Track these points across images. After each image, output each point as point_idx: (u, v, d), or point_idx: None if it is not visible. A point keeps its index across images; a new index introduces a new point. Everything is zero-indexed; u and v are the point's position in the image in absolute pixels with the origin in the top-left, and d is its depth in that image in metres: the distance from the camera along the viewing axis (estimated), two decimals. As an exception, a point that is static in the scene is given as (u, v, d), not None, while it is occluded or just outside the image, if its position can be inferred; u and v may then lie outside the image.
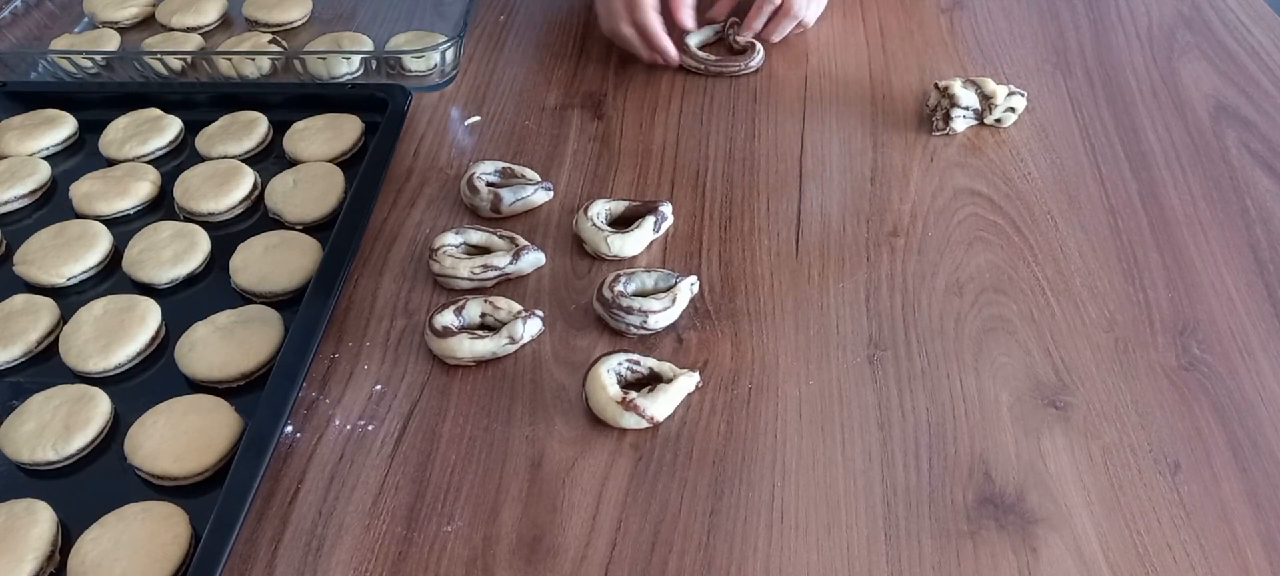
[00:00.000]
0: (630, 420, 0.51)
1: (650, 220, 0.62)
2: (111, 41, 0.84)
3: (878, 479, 0.49)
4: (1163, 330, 0.56)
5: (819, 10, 0.80)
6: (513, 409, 0.53)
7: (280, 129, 0.72)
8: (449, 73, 0.78)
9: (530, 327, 0.56)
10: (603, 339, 0.57)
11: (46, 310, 0.59)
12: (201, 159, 0.70)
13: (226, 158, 0.70)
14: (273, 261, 0.60)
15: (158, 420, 0.51)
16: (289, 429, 0.52)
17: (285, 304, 0.59)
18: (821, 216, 0.64)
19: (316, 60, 0.78)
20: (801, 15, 0.78)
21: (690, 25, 0.78)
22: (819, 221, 0.64)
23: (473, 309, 0.57)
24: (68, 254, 0.62)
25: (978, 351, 0.55)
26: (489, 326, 0.57)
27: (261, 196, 0.67)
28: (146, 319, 0.57)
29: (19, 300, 0.59)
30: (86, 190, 0.67)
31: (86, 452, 0.52)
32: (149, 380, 0.56)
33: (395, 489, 0.50)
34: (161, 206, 0.68)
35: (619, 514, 0.48)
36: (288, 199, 0.65)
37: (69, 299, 0.61)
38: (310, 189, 0.66)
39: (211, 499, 0.47)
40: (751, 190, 0.67)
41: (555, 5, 0.88)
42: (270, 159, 0.72)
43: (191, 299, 0.61)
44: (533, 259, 0.61)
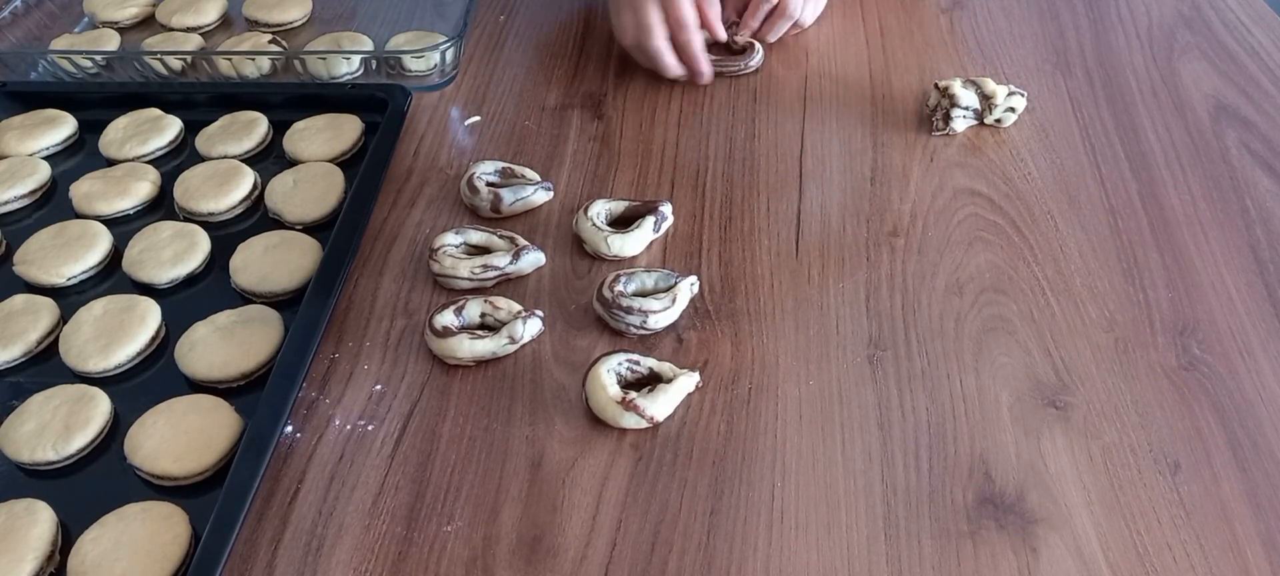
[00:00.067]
0: (630, 420, 0.51)
1: (650, 220, 0.62)
2: (111, 41, 0.84)
3: (878, 479, 0.49)
4: (1163, 330, 0.56)
5: (817, 10, 0.80)
6: (513, 409, 0.53)
7: (280, 129, 0.72)
8: (449, 73, 0.78)
9: (530, 327, 0.56)
10: (603, 339, 0.57)
11: (46, 310, 0.59)
12: (201, 159, 0.70)
13: (226, 158, 0.70)
14: (273, 261, 0.60)
15: (158, 420, 0.51)
16: (289, 429, 0.52)
17: (285, 304, 0.59)
18: (821, 216, 0.64)
19: (316, 60, 0.78)
20: (797, 15, 0.78)
21: (722, 37, 0.76)
22: (819, 221, 0.64)
23: (473, 309, 0.57)
24: (68, 254, 0.62)
25: (978, 351, 0.55)
26: (489, 326, 0.57)
27: (261, 196, 0.67)
28: (146, 319, 0.57)
29: (19, 300, 0.59)
30: (86, 190, 0.67)
31: (86, 452, 0.52)
32: (149, 380, 0.56)
33: (395, 489, 0.50)
34: (161, 206, 0.68)
35: (619, 514, 0.48)
36: (288, 199, 0.65)
37: (69, 299, 0.61)
38: (310, 189, 0.66)
39: (211, 499, 0.47)
40: (751, 190, 0.67)
41: (555, 5, 0.88)
42: (270, 159, 0.72)
43: (191, 299, 0.61)
44: (533, 259, 0.61)
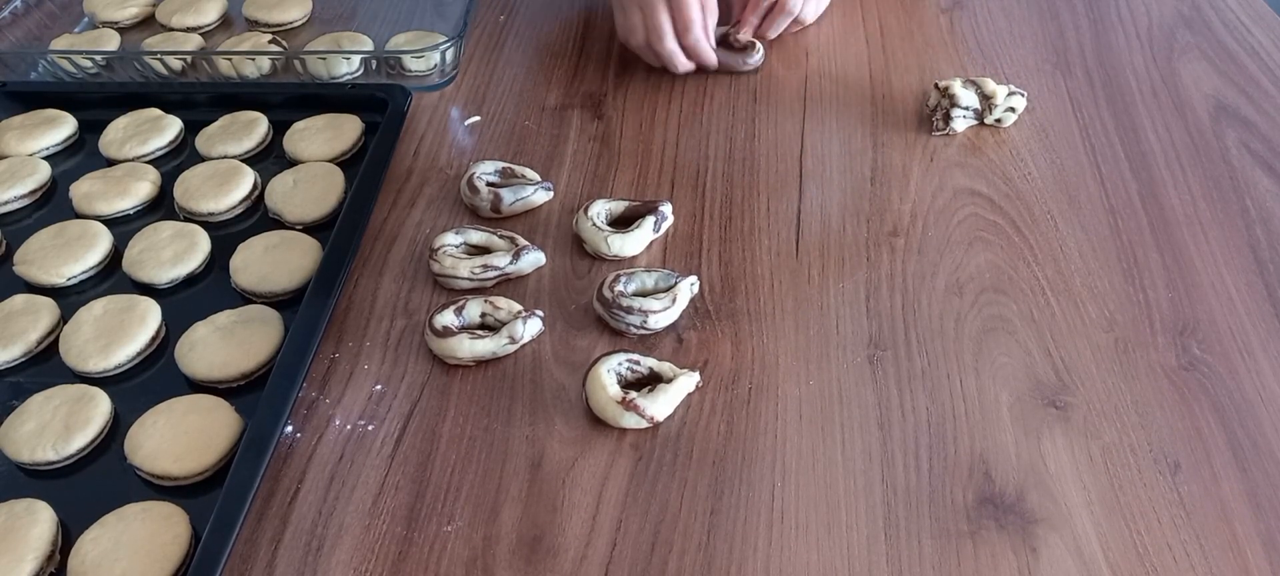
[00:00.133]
0: (630, 420, 0.51)
1: (650, 220, 0.62)
2: (111, 41, 0.84)
3: (878, 479, 0.49)
4: (1163, 330, 0.56)
5: (819, 8, 0.80)
6: (513, 409, 0.53)
7: (280, 129, 0.72)
8: (449, 73, 0.78)
9: (530, 327, 0.56)
10: (603, 339, 0.57)
11: (46, 310, 0.59)
12: (201, 159, 0.70)
13: (226, 158, 0.70)
14: (273, 261, 0.60)
15: (158, 420, 0.51)
16: (289, 429, 0.52)
17: (285, 304, 0.59)
18: (821, 216, 0.64)
19: (316, 60, 0.78)
20: (796, 11, 0.77)
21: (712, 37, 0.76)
22: (819, 221, 0.64)
23: (473, 309, 0.57)
24: (68, 254, 0.62)
25: (978, 351, 0.55)
26: (489, 326, 0.57)
27: (261, 196, 0.67)
28: (146, 319, 0.57)
29: (19, 300, 0.59)
30: (86, 190, 0.67)
31: (86, 452, 0.52)
32: (149, 380, 0.56)
33: (395, 489, 0.50)
34: (161, 206, 0.68)
35: (619, 514, 0.48)
36: (288, 199, 0.65)
37: (69, 299, 0.61)
38: (310, 189, 0.66)
39: (211, 499, 0.47)
40: (751, 190, 0.67)
41: (555, 5, 0.88)
42: (270, 159, 0.72)
43: (191, 299, 0.61)
44: (533, 259, 0.61)
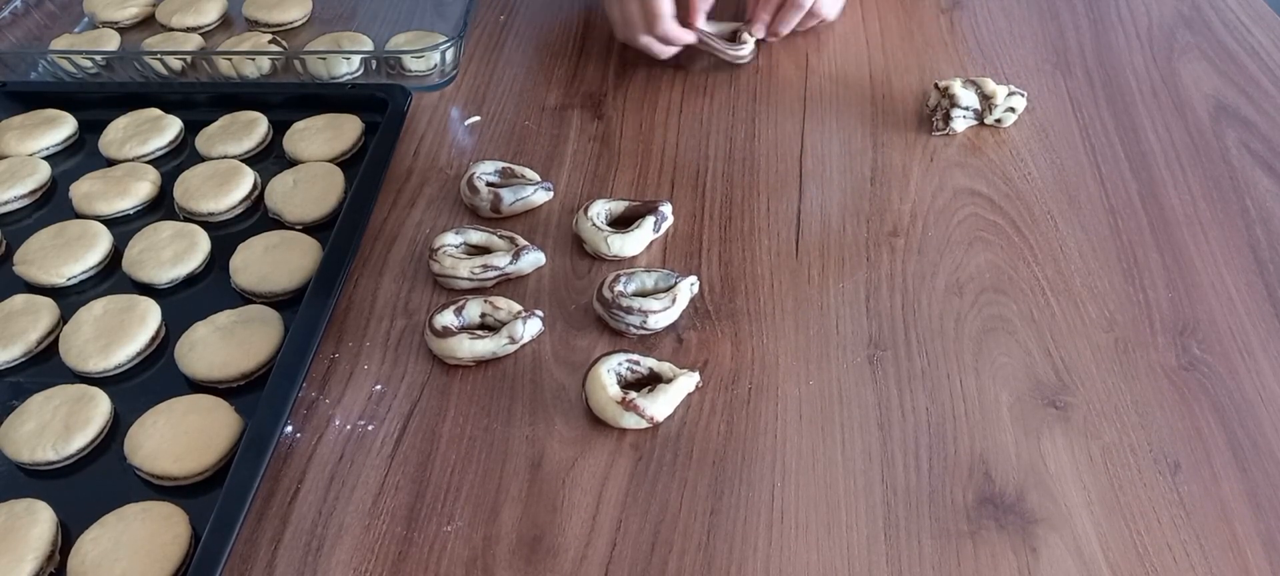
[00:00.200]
0: (630, 420, 0.51)
1: (650, 220, 0.62)
2: (111, 41, 0.84)
3: (878, 479, 0.49)
4: (1163, 330, 0.56)
5: (839, 4, 0.79)
6: (513, 409, 0.53)
7: (280, 129, 0.72)
8: (449, 73, 0.78)
9: (530, 328, 0.56)
10: (603, 339, 0.57)
11: (46, 310, 0.59)
12: (201, 159, 0.70)
13: (226, 158, 0.70)
14: (273, 261, 0.60)
15: (158, 420, 0.51)
16: (289, 429, 0.52)
17: (285, 304, 0.59)
18: (821, 216, 0.64)
19: (316, 60, 0.78)
20: (809, 4, 0.77)
21: (701, 22, 0.76)
22: (819, 221, 0.64)
23: (473, 309, 0.57)
24: (68, 254, 0.62)
25: (978, 351, 0.55)
26: (489, 326, 0.57)
27: (261, 196, 0.67)
28: (146, 319, 0.57)
29: (19, 300, 0.59)
30: (86, 190, 0.67)
31: (86, 452, 0.52)
32: (149, 380, 0.56)
33: (395, 489, 0.50)
34: (161, 206, 0.68)
35: (619, 514, 0.48)
36: (288, 199, 0.65)
37: (69, 299, 0.61)
38: (310, 189, 0.66)
39: (211, 499, 0.47)
40: (751, 190, 0.67)
41: (555, 5, 0.88)
42: (270, 159, 0.72)
43: (191, 299, 0.61)
44: (533, 259, 0.61)
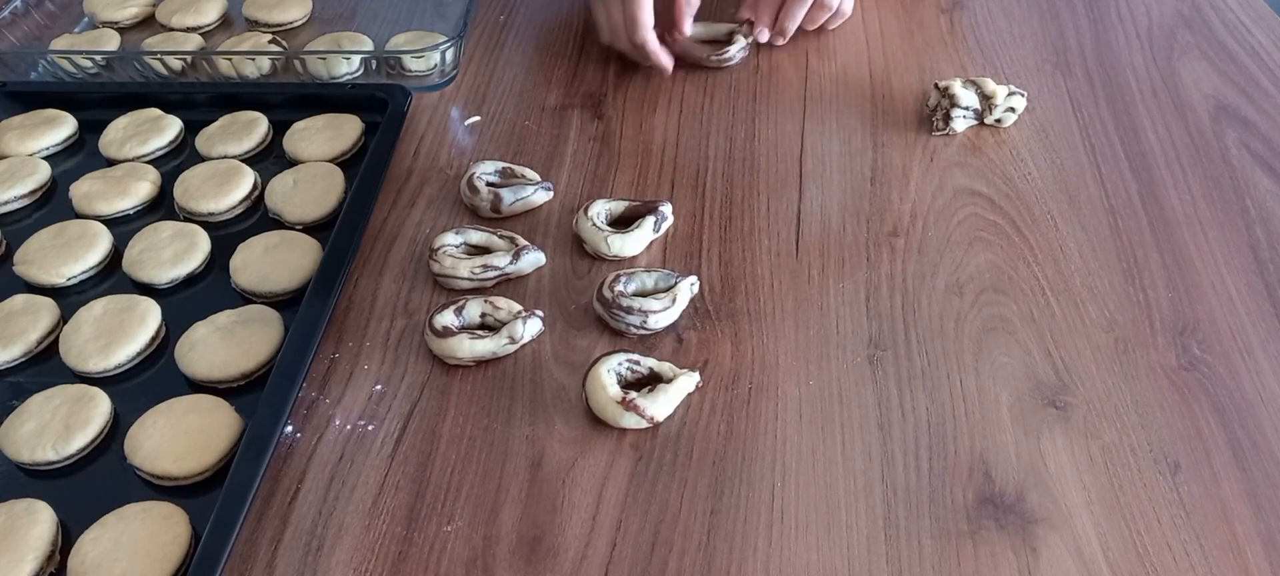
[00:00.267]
0: (630, 420, 0.51)
1: (650, 220, 0.62)
2: (111, 41, 0.84)
3: (878, 479, 0.49)
4: (1163, 330, 0.56)
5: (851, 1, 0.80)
6: (513, 409, 0.53)
7: (280, 129, 0.72)
8: (449, 73, 0.78)
9: (530, 328, 0.56)
10: (603, 339, 0.57)
11: (46, 310, 0.59)
12: (201, 159, 0.70)
13: (226, 158, 0.70)
14: (273, 261, 0.60)
15: (158, 420, 0.51)
16: (289, 429, 0.52)
17: (285, 304, 0.59)
18: (821, 216, 0.64)
19: (316, 60, 0.78)
20: (835, 4, 0.77)
21: (687, 32, 0.76)
22: (819, 221, 0.64)
23: (473, 309, 0.57)
24: (68, 254, 0.62)
25: (978, 351, 0.55)
26: (489, 326, 0.57)
27: (261, 196, 0.67)
28: (146, 319, 0.57)
29: (19, 300, 0.59)
30: (86, 190, 0.67)
31: (86, 452, 0.52)
32: (149, 380, 0.56)
33: (395, 489, 0.50)
34: (161, 206, 0.68)
35: (619, 514, 0.48)
36: (288, 199, 0.65)
37: (69, 299, 0.61)
38: (310, 189, 0.66)
39: (211, 499, 0.47)
40: (751, 190, 0.67)
41: (555, 5, 0.88)
42: (270, 159, 0.72)
43: (191, 299, 0.61)
44: (533, 259, 0.61)
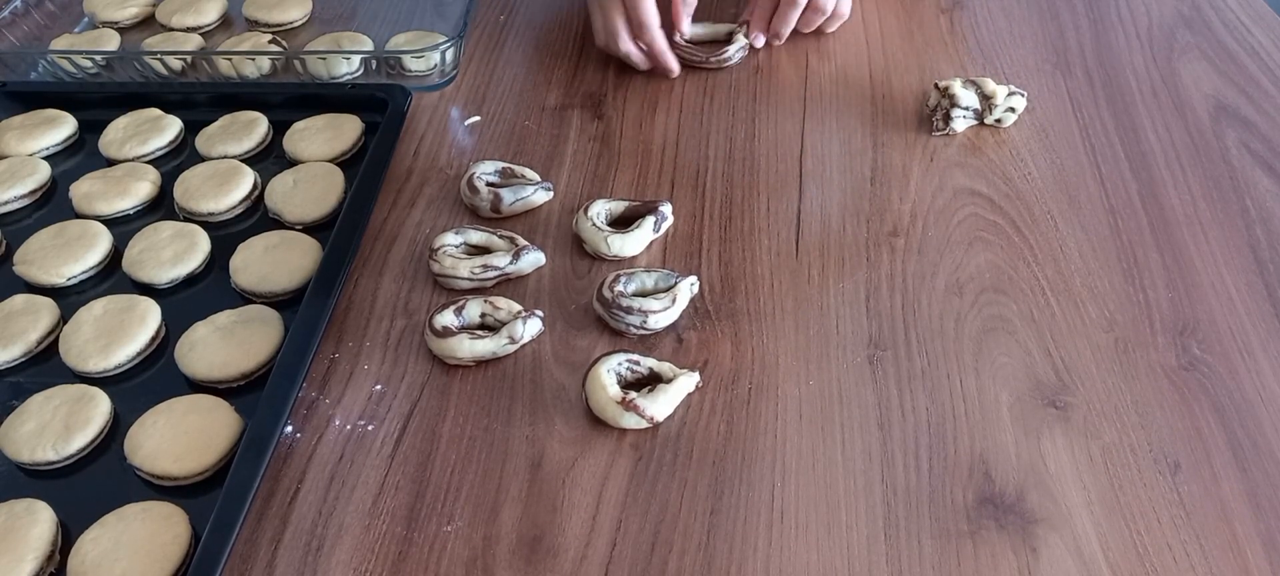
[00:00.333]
0: (630, 420, 0.51)
1: (650, 220, 0.62)
2: (111, 41, 0.84)
3: (878, 479, 0.49)
4: (1163, 330, 0.56)
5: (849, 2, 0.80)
6: (513, 409, 0.53)
7: (280, 129, 0.72)
8: (449, 73, 0.78)
9: (530, 327, 0.56)
10: (603, 339, 0.57)
11: (46, 310, 0.59)
12: (201, 159, 0.70)
13: (226, 158, 0.70)
14: (273, 261, 0.60)
15: (158, 420, 0.51)
16: (289, 429, 0.52)
17: (285, 304, 0.59)
18: (821, 216, 0.64)
19: (316, 60, 0.78)
20: (829, 7, 0.77)
21: (686, 34, 0.77)
22: (819, 221, 0.64)
23: (473, 309, 0.57)
24: (68, 254, 0.62)
25: (978, 351, 0.55)
26: (489, 326, 0.57)
27: (261, 196, 0.67)
28: (146, 319, 0.57)
29: (19, 300, 0.59)
30: (86, 190, 0.67)
31: (86, 452, 0.52)
32: (149, 380, 0.56)
33: (395, 489, 0.50)
34: (161, 206, 0.68)
35: (619, 514, 0.48)
36: (288, 199, 0.65)
37: (69, 299, 0.61)
38: (310, 189, 0.66)
39: (211, 499, 0.47)
40: (751, 190, 0.67)
41: (555, 5, 0.88)
42: (270, 159, 0.72)
43: (191, 299, 0.61)
44: (533, 259, 0.61)
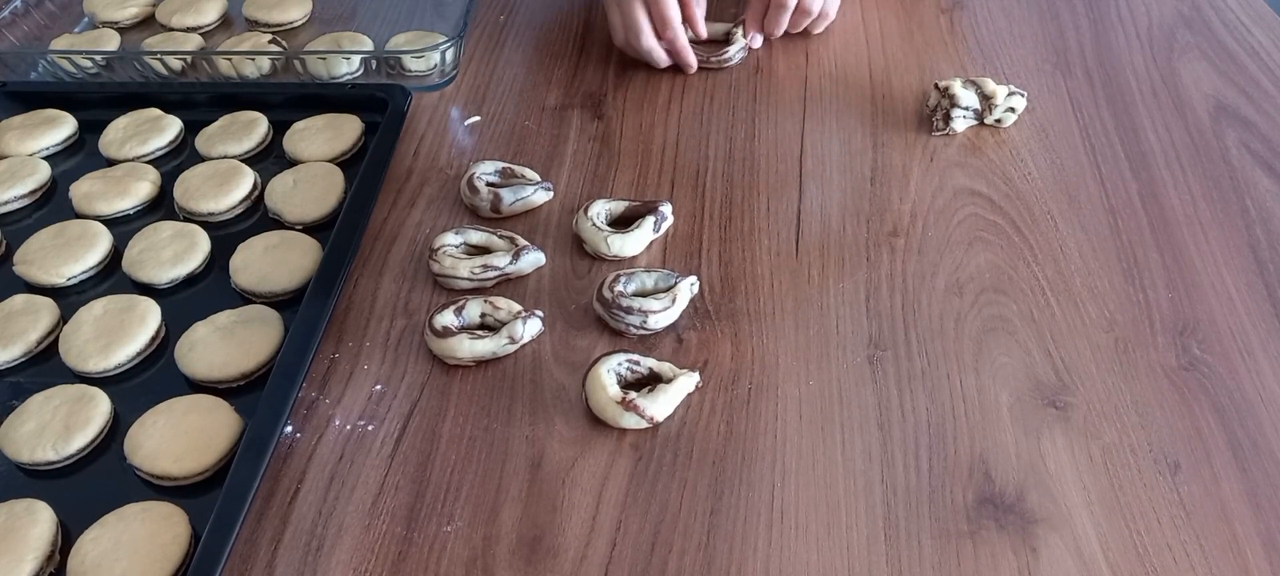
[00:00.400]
0: (630, 420, 0.51)
1: (650, 220, 0.62)
2: (111, 41, 0.84)
3: (878, 479, 0.49)
4: (1163, 330, 0.56)
5: (836, 2, 0.80)
6: (513, 409, 0.53)
7: (280, 129, 0.72)
8: (449, 73, 0.78)
9: (530, 328, 0.56)
10: (603, 339, 0.57)
11: (46, 310, 0.59)
12: (201, 159, 0.70)
13: (226, 158, 0.70)
14: (273, 261, 0.60)
15: (158, 420, 0.51)
16: (289, 429, 0.52)
17: (285, 304, 0.59)
18: (821, 216, 0.64)
19: (316, 60, 0.78)
20: (816, 8, 0.76)
21: (703, 34, 0.77)
22: (819, 221, 0.64)
23: (473, 309, 0.57)
24: (68, 254, 0.62)
25: (978, 351, 0.55)
26: (489, 326, 0.57)
27: (261, 196, 0.67)
28: (146, 319, 0.57)
29: (19, 300, 0.59)
30: (86, 190, 0.67)
31: (86, 452, 0.52)
32: (149, 380, 0.56)
33: (395, 489, 0.50)
34: (161, 206, 0.68)
35: (619, 514, 0.48)
36: (288, 199, 0.65)
37: (69, 299, 0.61)
38: (310, 189, 0.66)
39: (211, 499, 0.47)
40: (751, 190, 0.67)
41: (555, 5, 0.88)
42: (270, 159, 0.72)
43: (191, 299, 0.61)
44: (533, 259, 0.61)
